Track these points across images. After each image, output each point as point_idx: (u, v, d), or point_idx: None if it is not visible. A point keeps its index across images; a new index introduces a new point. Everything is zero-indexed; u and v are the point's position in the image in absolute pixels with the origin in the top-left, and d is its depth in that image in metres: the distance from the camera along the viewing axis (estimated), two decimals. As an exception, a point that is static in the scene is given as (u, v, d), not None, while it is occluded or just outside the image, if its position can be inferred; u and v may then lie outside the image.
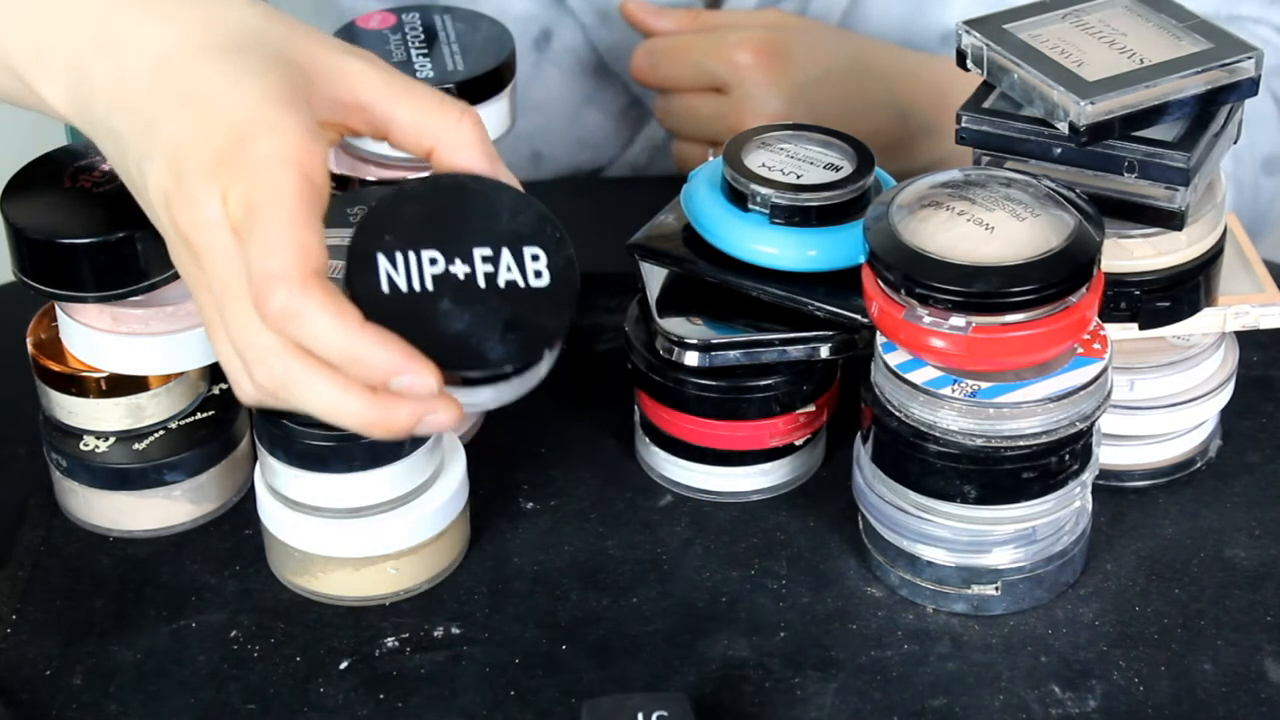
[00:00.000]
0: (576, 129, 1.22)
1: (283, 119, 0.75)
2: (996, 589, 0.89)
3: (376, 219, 0.78)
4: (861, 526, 0.93)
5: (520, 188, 0.80)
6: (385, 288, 0.76)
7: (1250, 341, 1.02)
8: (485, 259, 0.78)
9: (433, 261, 0.77)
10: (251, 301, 0.74)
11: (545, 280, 0.78)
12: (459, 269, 0.77)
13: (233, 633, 0.89)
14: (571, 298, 0.78)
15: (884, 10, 1.19)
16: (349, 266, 0.77)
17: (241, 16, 0.79)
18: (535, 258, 0.78)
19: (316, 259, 0.74)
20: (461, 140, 0.80)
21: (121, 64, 0.78)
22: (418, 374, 0.75)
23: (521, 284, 0.78)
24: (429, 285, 0.77)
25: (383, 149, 0.95)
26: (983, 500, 0.87)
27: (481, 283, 0.77)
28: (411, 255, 0.77)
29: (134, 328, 0.90)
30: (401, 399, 0.75)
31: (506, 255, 0.78)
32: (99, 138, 0.80)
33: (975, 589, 0.89)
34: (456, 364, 0.76)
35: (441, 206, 0.78)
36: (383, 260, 0.77)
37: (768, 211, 0.92)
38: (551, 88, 1.21)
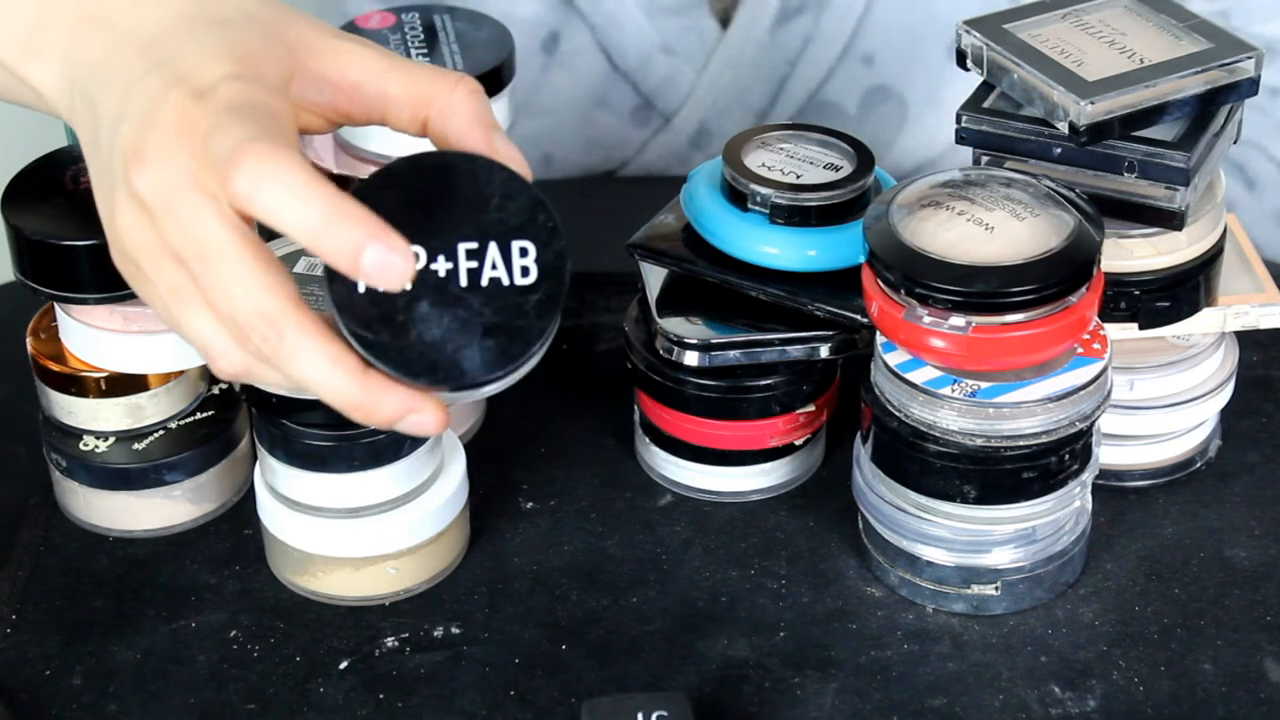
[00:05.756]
0: (586, 130, 1.22)
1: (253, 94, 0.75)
2: (996, 589, 0.89)
3: None
4: (861, 526, 0.93)
5: (520, 161, 0.76)
6: (362, 287, 0.73)
7: (1250, 341, 1.01)
8: (470, 253, 0.74)
9: (414, 257, 0.74)
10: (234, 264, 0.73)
11: (532, 278, 0.75)
12: (441, 266, 0.74)
13: (233, 633, 0.89)
14: (558, 298, 0.75)
15: (895, 14, 1.18)
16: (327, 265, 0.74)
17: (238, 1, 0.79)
18: (524, 252, 0.74)
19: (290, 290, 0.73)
20: (455, 107, 0.77)
21: (114, 40, 0.78)
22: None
23: (506, 282, 0.74)
24: (407, 284, 0.73)
25: (383, 148, 0.95)
26: (982, 500, 0.87)
27: (464, 281, 0.74)
28: None
29: (145, 325, 0.90)
30: (391, 388, 0.74)
31: (493, 250, 0.74)
32: (78, 116, 0.79)
33: (975, 589, 0.89)
34: (431, 377, 0.74)
35: (426, 192, 0.75)
36: None
37: (767, 211, 0.92)
38: (560, 90, 1.20)
